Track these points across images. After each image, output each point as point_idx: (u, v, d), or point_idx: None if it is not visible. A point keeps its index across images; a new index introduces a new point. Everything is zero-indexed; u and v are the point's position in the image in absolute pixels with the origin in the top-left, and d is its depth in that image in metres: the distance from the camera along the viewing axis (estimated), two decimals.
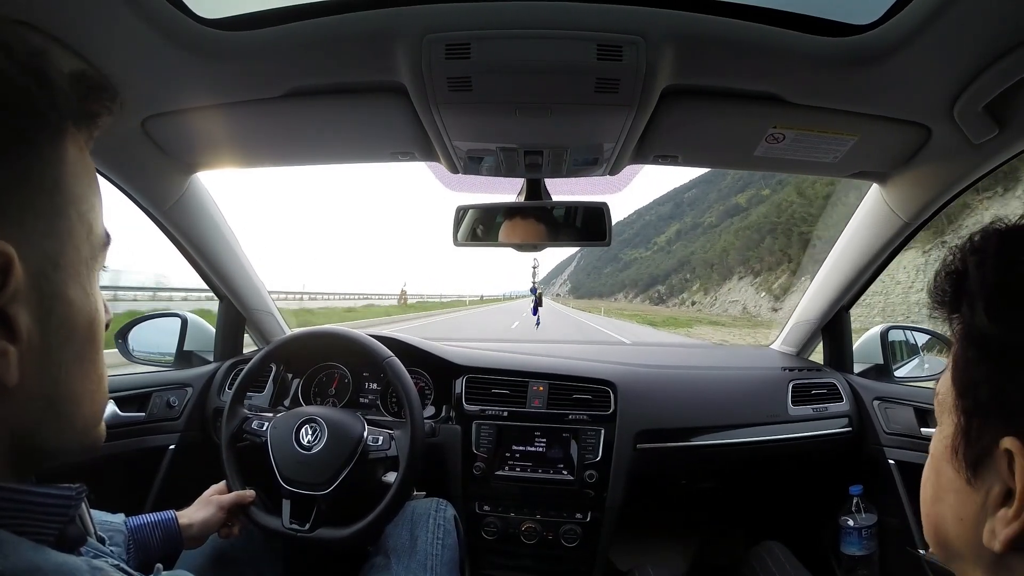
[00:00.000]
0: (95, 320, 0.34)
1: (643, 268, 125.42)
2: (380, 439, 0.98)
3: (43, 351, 0.30)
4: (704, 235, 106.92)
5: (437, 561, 0.93)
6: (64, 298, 0.31)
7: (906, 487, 1.17)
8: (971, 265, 0.30)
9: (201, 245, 1.20)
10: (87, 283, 0.33)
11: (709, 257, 73.16)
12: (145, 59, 0.71)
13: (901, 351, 1.38)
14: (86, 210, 0.33)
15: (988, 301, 0.29)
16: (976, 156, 0.86)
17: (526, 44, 0.68)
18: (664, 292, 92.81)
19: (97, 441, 0.36)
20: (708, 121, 0.87)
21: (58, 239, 0.31)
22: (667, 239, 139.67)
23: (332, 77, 0.78)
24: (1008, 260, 0.28)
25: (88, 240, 0.33)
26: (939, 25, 0.63)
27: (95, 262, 0.34)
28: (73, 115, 0.32)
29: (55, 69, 0.31)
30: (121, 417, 1.15)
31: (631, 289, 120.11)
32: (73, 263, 0.32)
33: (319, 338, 1.13)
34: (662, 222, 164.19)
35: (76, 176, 0.33)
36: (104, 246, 0.35)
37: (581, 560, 1.22)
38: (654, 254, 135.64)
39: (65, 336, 0.32)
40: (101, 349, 0.35)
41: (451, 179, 1.09)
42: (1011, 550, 0.28)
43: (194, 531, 0.84)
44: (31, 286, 0.29)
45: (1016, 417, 0.28)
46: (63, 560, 0.28)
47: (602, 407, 1.23)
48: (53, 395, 0.32)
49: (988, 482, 0.30)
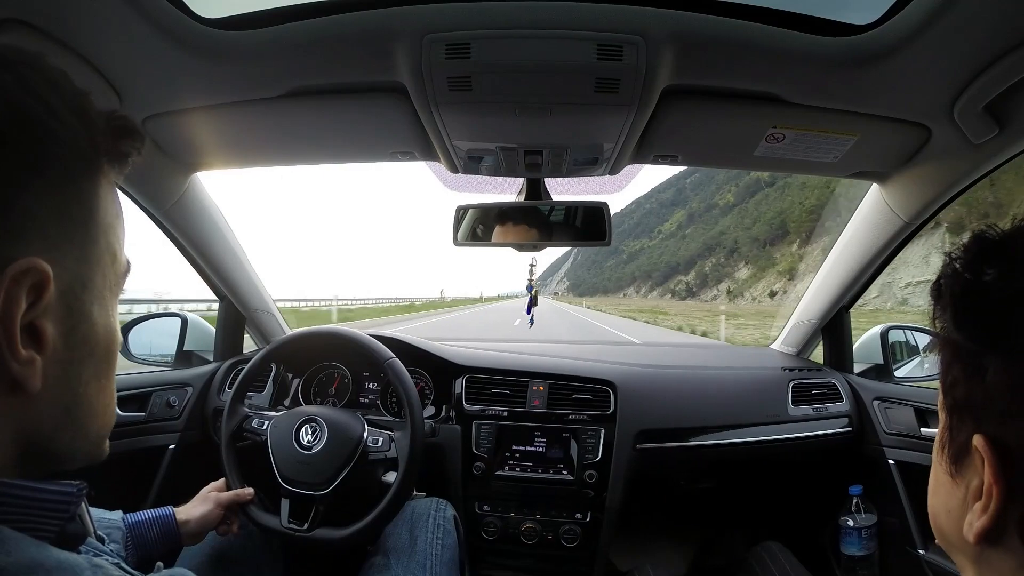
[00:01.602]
0: (113, 341, 0.37)
1: (654, 257, 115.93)
2: (380, 440, 0.98)
3: (66, 364, 0.33)
4: (726, 216, 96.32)
5: (437, 561, 0.93)
6: (88, 318, 0.34)
7: (906, 487, 1.17)
8: (947, 272, 0.32)
9: (201, 245, 1.20)
10: (109, 306, 0.36)
11: (756, 233, 61.69)
12: (145, 59, 0.71)
13: (901, 351, 1.38)
14: (113, 240, 0.36)
15: (955, 309, 0.31)
16: (976, 156, 0.86)
17: (526, 44, 0.68)
18: (693, 283, 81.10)
19: (103, 453, 0.38)
20: (708, 121, 0.87)
21: (88, 264, 0.34)
22: (676, 224, 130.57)
23: (332, 77, 0.78)
24: (974, 271, 0.30)
25: (113, 267, 0.36)
26: (939, 25, 0.63)
27: (117, 288, 0.37)
28: (108, 154, 0.35)
29: (95, 110, 0.34)
30: (121, 417, 1.15)
31: (642, 282, 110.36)
32: (99, 287, 0.35)
33: (319, 338, 1.13)
34: (664, 209, 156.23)
35: (107, 208, 0.36)
36: (125, 274, 0.38)
37: (581, 560, 1.22)
38: (663, 241, 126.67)
39: (87, 352, 0.34)
40: (115, 367, 0.38)
41: (451, 179, 1.09)
42: (986, 543, 0.30)
43: (191, 527, 0.84)
44: (61, 304, 0.32)
45: (983, 418, 0.30)
46: (64, 557, 0.29)
47: (602, 407, 1.23)
48: (71, 404, 0.34)
49: (968, 477, 0.31)
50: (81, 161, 0.33)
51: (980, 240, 0.31)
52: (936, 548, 1.10)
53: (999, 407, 0.29)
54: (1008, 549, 0.29)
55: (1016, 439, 0.28)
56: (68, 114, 0.32)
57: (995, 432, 0.29)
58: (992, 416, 0.29)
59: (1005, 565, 0.30)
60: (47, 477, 0.33)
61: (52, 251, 0.31)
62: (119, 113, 0.36)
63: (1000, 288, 0.29)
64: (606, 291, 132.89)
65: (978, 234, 0.31)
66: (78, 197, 0.33)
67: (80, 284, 0.33)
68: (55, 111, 0.31)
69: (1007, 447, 0.28)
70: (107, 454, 0.38)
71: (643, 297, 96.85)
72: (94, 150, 0.34)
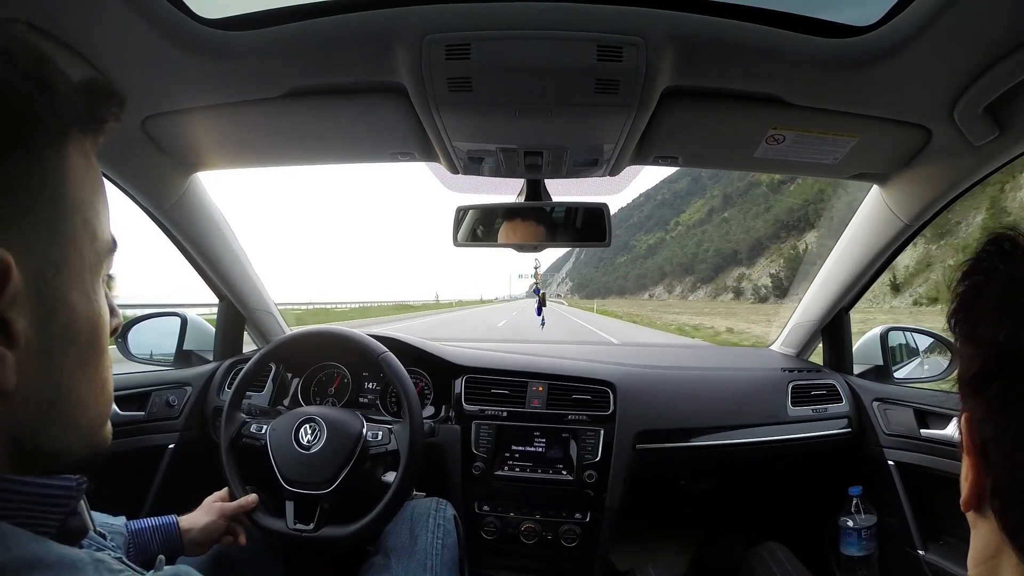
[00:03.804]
0: (98, 325, 0.34)
1: (689, 247, 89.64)
2: (380, 434, 0.98)
3: (44, 355, 0.30)
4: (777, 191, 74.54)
5: (437, 561, 0.94)
6: (66, 303, 0.31)
7: (906, 488, 1.17)
8: (956, 277, 0.34)
9: (201, 245, 1.20)
10: (90, 288, 0.33)
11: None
12: (145, 59, 0.71)
13: (901, 352, 1.38)
14: (90, 216, 0.33)
15: (954, 314, 0.33)
16: (976, 158, 0.86)
17: (526, 45, 0.68)
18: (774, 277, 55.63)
19: (103, 442, 0.36)
20: (708, 122, 0.87)
21: (60, 245, 0.31)
22: (705, 211, 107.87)
23: (332, 77, 0.78)
24: (973, 282, 0.32)
25: (92, 246, 0.33)
26: (939, 27, 0.63)
27: (99, 268, 0.34)
28: (77, 121, 0.32)
29: (59, 75, 0.31)
30: (120, 416, 1.15)
31: (675, 278, 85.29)
32: (76, 268, 0.32)
33: (316, 338, 1.13)
34: (679, 200, 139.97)
35: (80, 182, 0.33)
36: (109, 252, 0.35)
37: (581, 560, 1.22)
38: (690, 230, 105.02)
39: (67, 340, 0.32)
40: (105, 353, 0.35)
41: (451, 179, 1.09)
42: (974, 511, 0.33)
43: (195, 536, 0.84)
44: (31, 291, 0.29)
45: (965, 399, 0.33)
46: (65, 552, 0.28)
47: (601, 407, 1.23)
48: (55, 398, 0.32)
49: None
50: (40, 131, 0.30)
51: (981, 252, 0.33)
52: (936, 548, 1.10)
53: (966, 384, 0.32)
54: (988, 517, 0.32)
55: (976, 414, 0.31)
56: (21, 81, 0.29)
57: (969, 407, 0.32)
58: (965, 392, 0.32)
59: (986, 530, 0.32)
60: (47, 474, 0.32)
61: (13, 234, 0.28)
62: (92, 77, 0.33)
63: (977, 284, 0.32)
64: (623, 291, 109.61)
65: (988, 243, 0.33)
66: (40, 171, 0.30)
67: (52, 268, 0.30)
68: (3, 80, 0.28)
69: (976, 423, 0.31)
70: (109, 441, 0.37)
71: (681, 298, 73.09)
72: (58, 118, 0.31)
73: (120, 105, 0.34)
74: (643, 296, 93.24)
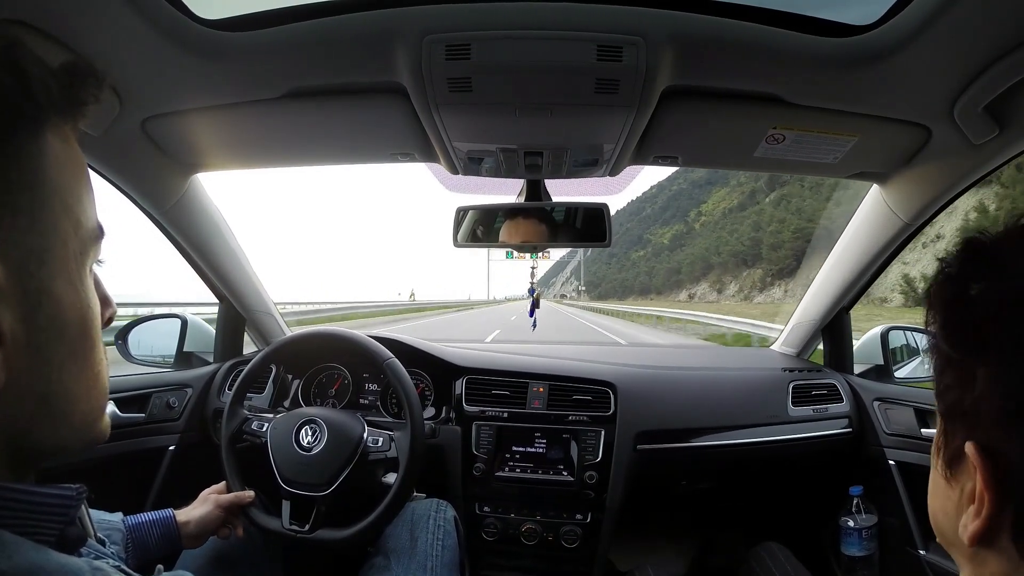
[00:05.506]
0: (87, 316, 0.33)
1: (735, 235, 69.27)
2: (380, 440, 0.98)
3: (31, 349, 0.30)
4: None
5: (437, 562, 0.93)
6: (52, 294, 0.30)
7: (906, 488, 1.17)
8: (938, 279, 0.32)
9: (201, 246, 1.20)
10: (77, 278, 0.32)
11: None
12: (145, 60, 0.71)
13: (901, 352, 1.38)
14: (73, 203, 0.32)
15: (944, 319, 0.31)
16: (976, 156, 0.86)
17: (526, 45, 0.68)
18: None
19: (99, 436, 0.36)
20: (708, 122, 0.87)
21: (41, 234, 0.30)
22: (735, 200, 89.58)
23: (332, 78, 0.78)
24: (963, 279, 0.30)
25: (76, 234, 0.32)
26: (939, 25, 0.63)
27: (85, 256, 0.33)
28: (55, 106, 0.31)
29: (31, 60, 0.30)
30: (121, 418, 1.15)
31: (727, 272, 64.44)
32: (60, 258, 0.31)
33: (318, 339, 1.13)
34: (697, 190, 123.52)
35: (60, 168, 0.32)
36: (96, 239, 0.34)
37: (581, 561, 1.22)
38: (721, 219, 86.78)
39: (55, 333, 0.31)
40: (97, 344, 0.34)
41: (451, 180, 1.09)
42: (980, 544, 0.30)
43: (191, 529, 0.83)
44: (13, 284, 0.28)
45: (975, 425, 0.30)
46: (65, 561, 0.28)
47: (602, 408, 1.23)
48: (46, 393, 0.31)
49: (962, 480, 0.32)
50: (15, 119, 0.29)
51: (970, 246, 0.31)
52: (936, 548, 1.10)
53: (990, 416, 0.29)
54: (1001, 550, 0.29)
55: (1006, 447, 0.28)
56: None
57: (986, 439, 0.29)
58: (983, 424, 0.29)
59: (998, 566, 0.30)
60: (45, 476, 0.32)
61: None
62: (70, 60, 0.32)
63: (986, 298, 0.29)
64: (646, 290, 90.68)
65: (969, 240, 0.31)
66: (15, 158, 0.29)
67: (35, 259, 0.30)
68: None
69: (997, 454, 0.29)
70: (107, 436, 0.36)
71: (743, 299, 54.41)
72: (32, 103, 0.30)
73: (98, 85, 0.33)
74: (678, 296, 73.21)
